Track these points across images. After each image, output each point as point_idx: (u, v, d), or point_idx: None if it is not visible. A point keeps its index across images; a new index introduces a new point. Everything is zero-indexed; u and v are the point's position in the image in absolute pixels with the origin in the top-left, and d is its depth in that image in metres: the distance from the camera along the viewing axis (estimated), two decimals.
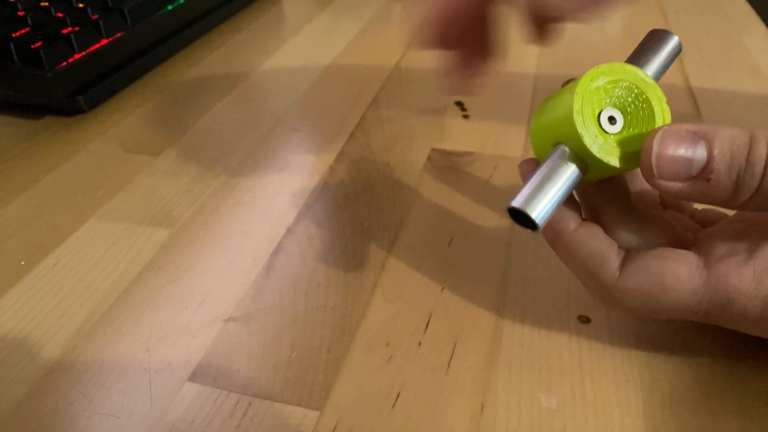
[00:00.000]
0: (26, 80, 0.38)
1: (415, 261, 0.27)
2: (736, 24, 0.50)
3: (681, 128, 0.19)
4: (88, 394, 0.22)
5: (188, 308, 0.25)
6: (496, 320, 0.24)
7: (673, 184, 0.19)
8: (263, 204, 0.31)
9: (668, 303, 0.20)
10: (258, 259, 0.28)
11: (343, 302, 0.25)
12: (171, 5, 0.48)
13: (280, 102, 0.41)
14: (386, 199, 0.31)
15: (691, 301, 0.20)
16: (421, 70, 0.45)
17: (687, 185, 0.19)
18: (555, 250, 0.22)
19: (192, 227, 0.30)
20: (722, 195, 0.19)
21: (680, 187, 0.19)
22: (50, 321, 0.25)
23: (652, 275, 0.20)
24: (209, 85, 0.44)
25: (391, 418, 0.21)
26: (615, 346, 0.23)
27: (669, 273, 0.20)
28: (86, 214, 0.31)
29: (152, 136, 0.38)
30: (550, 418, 0.20)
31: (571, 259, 0.21)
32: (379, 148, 0.36)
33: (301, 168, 0.34)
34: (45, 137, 0.38)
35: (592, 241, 0.21)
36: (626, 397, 0.21)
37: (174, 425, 0.21)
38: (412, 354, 0.23)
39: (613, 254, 0.21)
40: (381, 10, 0.57)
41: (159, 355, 0.23)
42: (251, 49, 0.50)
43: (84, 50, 0.40)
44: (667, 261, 0.20)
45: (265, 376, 0.22)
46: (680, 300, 0.20)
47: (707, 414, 0.20)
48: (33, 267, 0.28)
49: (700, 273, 0.20)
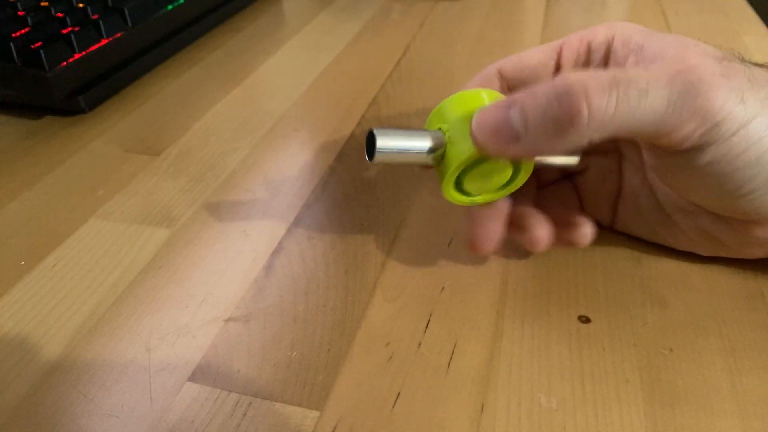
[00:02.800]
0: (26, 80, 0.38)
1: (415, 261, 0.27)
2: (736, 24, 0.50)
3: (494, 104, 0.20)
4: (88, 394, 0.22)
5: (188, 308, 0.25)
6: (496, 320, 0.24)
7: (503, 147, 0.20)
8: (263, 204, 0.31)
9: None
10: (258, 259, 0.28)
11: (343, 302, 0.25)
12: (171, 5, 0.48)
13: (280, 102, 0.41)
14: (386, 199, 0.31)
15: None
16: (421, 70, 0.45)
17: (514, 146, 0.19)
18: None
19: (192, 227, 0.30)
20: (542, 142, 0.19)
21: (511, 149, 0.20)
22: (50, 321, 0.25)
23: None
24: (209, 85, 0.44)
25: (391, 418, 0.21)
26: (615, 346, 0.23)
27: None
28: (86, 214, 0.31)
29: (152, 136, 0.38)
30: (550, 418, 0.20)
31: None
32: None
33: (301, 168, 0.34)
34: (45, 137, 0.38)
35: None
36: (626, 397, 0.21)
37: (174, 425, 0.21)
38: (412, 354, 0.23)
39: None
40: (381, 10, 0.57)
41: (159, 355, 0.23)
42: (251, 49, 0.50)
43: (84, 50, 0.40)
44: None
45: (265, 376, 0.22)
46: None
47: (707, 414, 0.20)
48: (33, 267, 0.28)
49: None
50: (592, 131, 0.18)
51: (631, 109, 0.18)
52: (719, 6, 0.54)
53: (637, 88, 0.18)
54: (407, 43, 0.50)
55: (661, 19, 0.52)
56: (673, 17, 0.52)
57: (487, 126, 0.20)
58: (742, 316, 0.24)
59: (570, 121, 0.18)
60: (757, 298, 0.24)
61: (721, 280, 0.25)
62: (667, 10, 0.54)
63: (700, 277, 0.26)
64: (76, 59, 0.40)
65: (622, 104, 0.18)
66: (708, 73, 0.19)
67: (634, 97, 0.18)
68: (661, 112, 0.18)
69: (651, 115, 0.18)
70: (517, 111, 0.19)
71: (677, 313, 0.24)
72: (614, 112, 0.18)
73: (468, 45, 0.49)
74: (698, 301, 0.25)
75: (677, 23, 0.51)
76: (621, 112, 0.18)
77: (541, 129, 0.18)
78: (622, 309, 0.24)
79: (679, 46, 0.21)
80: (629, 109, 0.18)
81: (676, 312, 0.24)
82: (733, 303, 0.24)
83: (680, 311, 0.24)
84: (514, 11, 0.56)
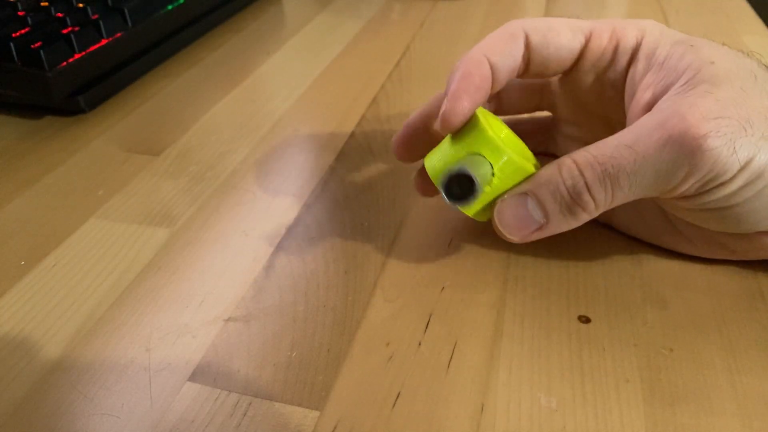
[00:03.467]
0: (26, 80, 0.38)
1: (415, 261, 0.27)
2: (736, 24, 0.50)
3: (510, 196, 0.22)
4: (88, 394, 0.22)
5: (188, 308, 0.25)
6: (496, 320, 0.24)
7: (528, 236, 0.22)
8: (263, 204, 0.31)
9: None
10: (258, 259, 0.28)
11: (343, 302, 0.25)
12: (171, 5, 0.48)
13: (280, 102, 0.41)
14: (386, 199, 0.31)
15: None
16: (421, 70, 0.45)
17: (538, 233, 0.22)
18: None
19: (192, 227, 0.30)
20: (564, 227, 0.22)
21: (535, 236, 0.22)
22: (50, 321, 0.25)
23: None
24: (209, 85, 0.44)
25: (391, 418, 0.21)
26: (615, 346, 0.23)
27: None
28: (86, 214, 0.31)
29: (152, 136, 0.38)
30: (550, 418, 0.20)
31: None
32: (379, 148, 0.36)
33: (301, 168, 0.34)
34: (45, 137, 0.38)
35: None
36: (626, 397, 0.21)
37: (174, 425, 0.21)
38: (412, 354, 0.23)
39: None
40: (381, 10, 0.57)
41: (159, 355, 0.23)
42: (251, 49, 0.50)
43: (84, 50, 0.40)
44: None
45: (265, 376, 0.22)
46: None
47: (707, 414, 0.20)
48: (33, 267, 0.28)
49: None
50: (601, 212, 0.21)
51: (625, 191, 0.20)
52: (719, 6, 0.54)
53: (626, 172, 0.20)
54: (407, 43, 0.50)
55: (661, 19, 0.52)
56: (673, 17, 0.52)
57: (511, 223, 0.22)
58: (742, 316, 0.24)
59: (583, 211, 0.21)
60: (757, 298, 0.24)
61: (721, 280, 0.25)
62: (667, 9, 0.54)
63: (700, 277, 0.26)
64: (76, 59, 0.40)
65: (617, 191, 0.20)
66: (698, 131, 0.19)
67: (625, 182, 0.20)
68: (653, 183, 0.20)
69: (644, 188, 0.20)
70: (534, 203, 0.22)
71: (677, 313, 0.24)
72: (613, 198, 0.20)
73: (468, 45, 0.49)
74: (698, 301, 0.25)
75: (677, 23, 0.51)
76: (619, 197, 0.20)
77: (560, 217, 0.21)
78: (622, 309, 0.24)
79: (689, 89, 0.21)
80: (625, 192, 0.20)
81: (676, 312, 0.24)
82: (733, 303, 0.24)
83: (680, 311, 0.24)
84: (514, 11, 0.56)
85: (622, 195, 0.20)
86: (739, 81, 0.20)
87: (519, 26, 0.24)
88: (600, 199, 0.20)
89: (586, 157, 0.20)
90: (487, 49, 0.24)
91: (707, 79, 0.20)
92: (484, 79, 0.23)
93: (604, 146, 0.20)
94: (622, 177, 0.20)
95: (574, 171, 0.20)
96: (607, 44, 0.24)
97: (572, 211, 0.21)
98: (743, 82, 0.20)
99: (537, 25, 0.24)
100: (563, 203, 0.21)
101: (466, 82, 0.23)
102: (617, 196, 0.20)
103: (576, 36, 0.24)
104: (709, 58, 0.21)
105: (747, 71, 0.21)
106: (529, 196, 0.21)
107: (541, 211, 0.21)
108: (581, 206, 0.21)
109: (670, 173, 0.20)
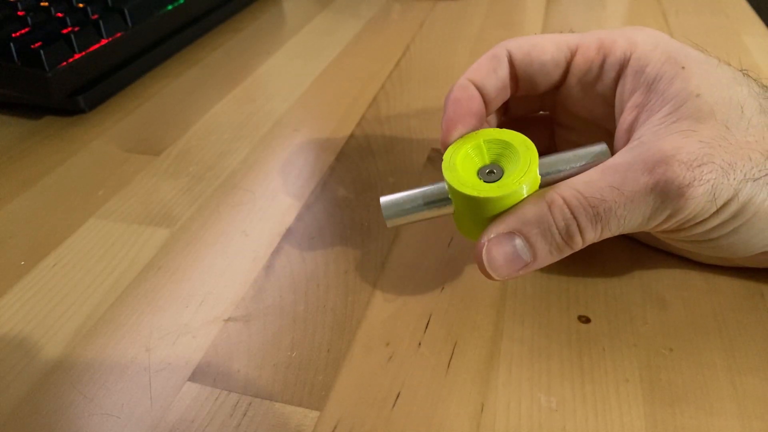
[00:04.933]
0: (26, 80, 0.38)
1: (415, 261, 0.27)
2: (736, 24, 0.50)
3: (497, 234, 0.22)
4: (88, 394, 0.22)
5: (188, 308, 0.25)
6: (496, 320, 0.24)
7: (512, 275, 0.22)
8: (263, 204, 0.31)
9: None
10: (258, 259, 0.28)
11: (343, 302, 0.25)
12: (171, 5, 0.48)
13: (280, 102, 0.41)
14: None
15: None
16: (421, 70, 0.45)
17: (523, 270, 0.22)
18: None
19: (192, 227, 0.30)
20: (548, 262, 0.22)
21: (520, 273, 0.22)
22: (50, 321, 0.25)
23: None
24: (209, 85, 0.44)
25: (391, 418, 0.21)
26: (615, 346, 0.23)
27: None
28: (86, 214, 0.31)
29: (152, 136, 0.38)
30: (550, 418, 0.20)
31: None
32: (379, 148, 0.36)
33: (301, 168, 0.34)
34: (45, 137, 0.38)
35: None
36: (626, 397, 0.21)
37: (174, 425, 0.21)
38: (412, 354, 0.23)
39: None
40: (381, 10, 0.57)
41: (159, 355, 0.23)
42: (251, 49, 0.50)
43: (84, 50, 0.40)
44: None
45: (265, 376, 0.22)
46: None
47: (707, 414, 0.20)
48: (33, 267, 0.28)
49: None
50: (587, 245, 0.22)
51: (613, 230, 0.21)
52: (719, 6, 0.54)
53: (616, 216, 0.20)
54: (407, 43, 0.50)
55: (661, 19, 0.52)
56: (673, 17, 0.52)
57: (499, 262, 0.22)
58: (742, 316, 0.24)
59: (570, 248, 0.21)
60: (757, 298, 0.24)
61: (721, 280, 0.25)
62: (668, 10, 0.54)
63: (700, 277, 0.26)
64: (76, 59, 0.40)
65: (606, 231, 0.21)
66: (683, 180, 0.20)
67: (614, 224, 0.21)
68: (638, 222, 0.21)
69: (630, 227, 0.21)
70: (522, 243, 0.21)
71: (677, 313, 0.24)
72: (600, 236, 0.21)
73: (468, 45, 0.49)
74: (698, 301, 0.25)
75: (677, 23, 0.51)
76: (606, 235, 0.21)
77: (547, 255, 0.21)
78: (622, 309, 0.24)
79: (671, 122, 0.21)
80: (612, 231, 0.21)
81: (676, 312, 0.24)
82: (733, 303, 0.24)
83: (680, 311, 0.24)
84: (514, 11, 0.56)
85: (608, 233, 0.21)
86: (724, 116, 0.20)
87: (503, 47, 0.25)
88: (589, 239, 0.21)
89: (578, 198, 0.21)
90: (472, 74, 0.25)
91: (692, 114, 0.21)
92: (472, 101, 0.24)
93: (593, 186, 0.21)
94: (612, 220, 0.20)
95: (566, 213, 0.21)
96: (594, 58, 0.24)
97: (561, 249, 0.21)
98: (728, 117, 0.20)
99: (521, 43, 0.25)
100: (553, 243, 0.21)
101: (454, 108, 0.24)
102: (604, 235, 0.21)
103: (561, 51, 0.24)
104: (696, 89, 0.21)
105: (734, 104, 0.21)
106: (517, 236, 0.21)
107: (530, 250, 0.21)
108: (570, 245, 0.21)
109: (655, 215, 0.20)
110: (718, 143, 0.20)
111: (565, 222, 0.21)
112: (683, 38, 0.48)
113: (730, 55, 0.45)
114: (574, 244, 0.21)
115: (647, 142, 0.21)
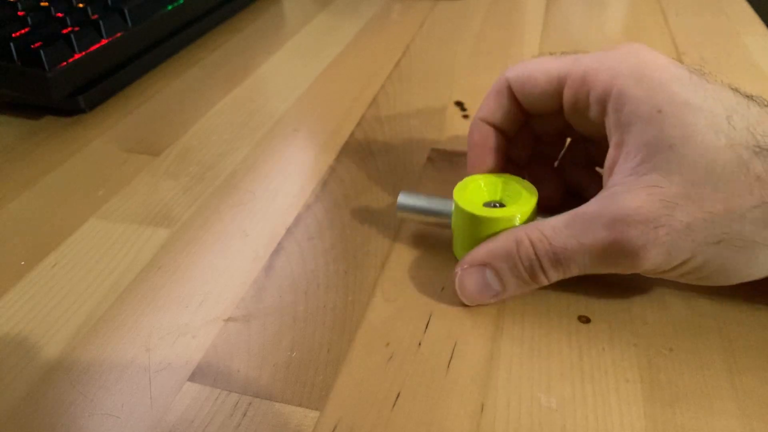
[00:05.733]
0: (26, 80, 0.38)
1: (415, 261, 0.27)
2: (736, 24, 0.50)
3: (470, 265, 0.24)
4: (88, 394, 0.22)
5: (188, 308, 0.25)
6: (496, 320, 0.24)
7: (484, 302, 0.24)
8: (263, 204, 0.31)
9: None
10: (258, 259, 0.28)
11: (343, 302, 0.25)
12: (171, 5, 0.48)
13: (280, 102, 0.41)
14: (386, 199, 0.31)
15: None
16: (421, 70, 0.45)
17: (494, 299, 0.24)
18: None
19: (192, 227, 0.30)
20: (518, 293, 0.24)
21: (492, 301, 0.24)
22: (50, 321, 0.25)
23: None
24: (209, 85, 0.44)
25: (391, 418, 0.21)
26: (615, 346, 0.23)
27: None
28: (86, 214, 0.31)
29: (152, 136, 0.38)
30: (550, 418, 0.20)
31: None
32: (379, 148, 0.36)
33: (301, 168, 0.34)
34: (45, 137, 0.38)
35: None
36: (626, 397, 0.21)
37: (174, 425, 0.21)
38: (412, 354, 0.23)
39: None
40: (381, 10, 0.57)
41: (159, 355, 0.23)
42: (251, 49, 0.50)
43: (84, 50, 0.40)
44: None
45: (265, 376, 0.22)
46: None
47: (707, 414, 0.20)
48: (33, 267, 0.28)
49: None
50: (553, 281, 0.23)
51: (575, 272, 0.23)
52: (719, 6, 0.54)
53: (575, 262, 0.22)
54: (407, 43, 0.50)
55: (661, 19, 0.52)
56: (673, 17, 0.52)
57: (471, 291, 0.24)
58: (742, 316, 0.24)
59: (536, 283, 0.23)
60: (758, 298, 0.24)
61: None
62: (667, 10, 0.54)
63: None
64: (76, 59, 0.40)
65: (568, 273, 0.23)
66: (637, 241, 0.21)
67: (574, 267, 0.22)
68: (600, 269, 0.22)
69: (593, 271, 0.22)
70: (492, 275, 0.23)
71: (677, 313, 0.24)
72: (564, 276, 0.23)
73: (468, 45, 0.49)
74: (698, 301, 0.25)
75: (677, 23, 0.51)
76: (569, 275, 0.23)
77: (515, 287, 0.24)
78: (622, 309, 0.24)
79: (642, 173, 0.21)
80: (574, 272, 0.23)
81: (676, 312, 0.24)
82: (733, 303, 0.24)
83: (680, 311, 0.24)
84: (514, 11, 0.56)
85: (571, 274, 0.23)
86: (693, 174, 0.20)
87: (503, 80, 0.27)
88: (552, 278, 0.23)
89: (542, 242, 0.22)
90: (482, 113, 0.27)
91: (661, 166, 0.21)
92: (488, 140, 0.27)
93: (558, 232, 0.22)
94: (572, 264, 0.22)
95: (530, 254, 0.22)
96: (579, 90, 0.24)
97: (527, 282, 0.23)
98: (696, 175, 0.20)
99: (518, 73, 0.26)
100: (519, 277, 0.23)
101: (474, 152, 0.27)
102: (567, 275, 0.23)
103: (551, 83, 0.25)
104: (669, 138, 0.21)
105: (707, 160, 0.20)
106: (488, 269, 0.23)
107: (499, 281, 0.23)
108: (536, 281, 0.23)
109: (613, 266, 0.22)
110: (682, 202, 0.20)
111: (529, 262, 0.23)
112: (683, 38, 0.48)
113: (730, 55, 0.45)
114: (539, 281, 0.23)
115: (616, 194, 0.21)
